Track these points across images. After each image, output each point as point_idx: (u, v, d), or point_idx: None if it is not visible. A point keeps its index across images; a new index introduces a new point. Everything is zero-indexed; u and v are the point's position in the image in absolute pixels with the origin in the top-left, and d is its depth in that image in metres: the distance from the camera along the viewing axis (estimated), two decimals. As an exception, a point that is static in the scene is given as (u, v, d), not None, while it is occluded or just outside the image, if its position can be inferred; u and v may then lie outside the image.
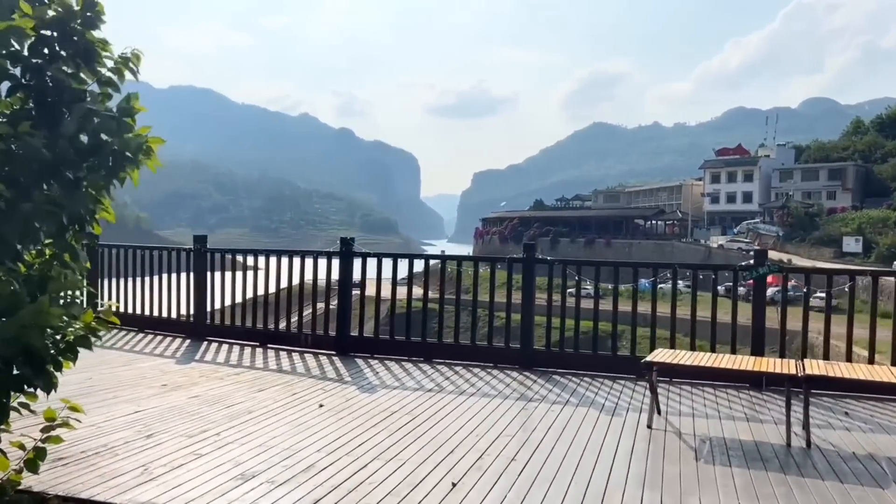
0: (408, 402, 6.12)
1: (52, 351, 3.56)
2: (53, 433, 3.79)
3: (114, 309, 4.00)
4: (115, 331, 9.55)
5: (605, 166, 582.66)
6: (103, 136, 3.80)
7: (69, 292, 3.84)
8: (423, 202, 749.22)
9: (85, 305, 3.88)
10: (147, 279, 9.87)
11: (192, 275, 9.49)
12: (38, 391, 3.57)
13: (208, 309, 9.45)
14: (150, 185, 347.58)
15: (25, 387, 3.54)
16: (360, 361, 8.07)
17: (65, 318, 3.57)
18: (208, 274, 9.46)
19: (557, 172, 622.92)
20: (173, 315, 9.69)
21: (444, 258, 9.04)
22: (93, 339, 3.78)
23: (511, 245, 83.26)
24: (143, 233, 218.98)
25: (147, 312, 9.87)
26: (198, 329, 9.38)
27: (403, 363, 8.06)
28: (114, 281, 10.14)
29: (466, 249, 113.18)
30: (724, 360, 5.60)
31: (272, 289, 9.39)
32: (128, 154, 3.95)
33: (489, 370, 7.71)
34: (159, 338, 9.32)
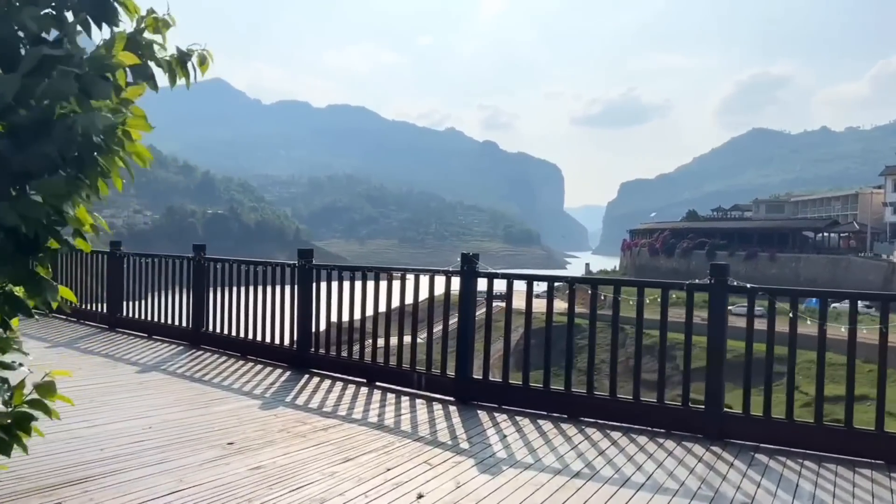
0: (544, 495, 4.20)
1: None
2: None
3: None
4: (217, 356, 8.53)
5: (765, 175, 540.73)
6: (62, 107, 2.26)
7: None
8: (566, 213, 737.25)
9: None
10: (251, 297, 8.71)
11: (295, 295, 8.20)
12: None
13: (313, 331, 8.09)
14: (308, 199, 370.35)
15: None
16: (483, 416, 6.25)
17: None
18: (313, 294, 8.11)
19: (712, 182, 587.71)
20: (276, 340, 8.44)
21: (594, 281, 7.01)
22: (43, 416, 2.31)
23: (662, 258, 78.07)
24: (301, 243, 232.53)
25: (249, 336, 8.71)
26: (301, 358, 8.06)
27: (540, 422, 6.12)
28: (218, 297, 9.18)
29: (612, 262, 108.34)
30: None
31: (382, 311, 7.83)
32: (95, 139, 2.31)
33: (660, 441, 5.57)
34: (259, 367, 8.07)
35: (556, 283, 6.97)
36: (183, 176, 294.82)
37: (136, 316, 10.43)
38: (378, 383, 7.31)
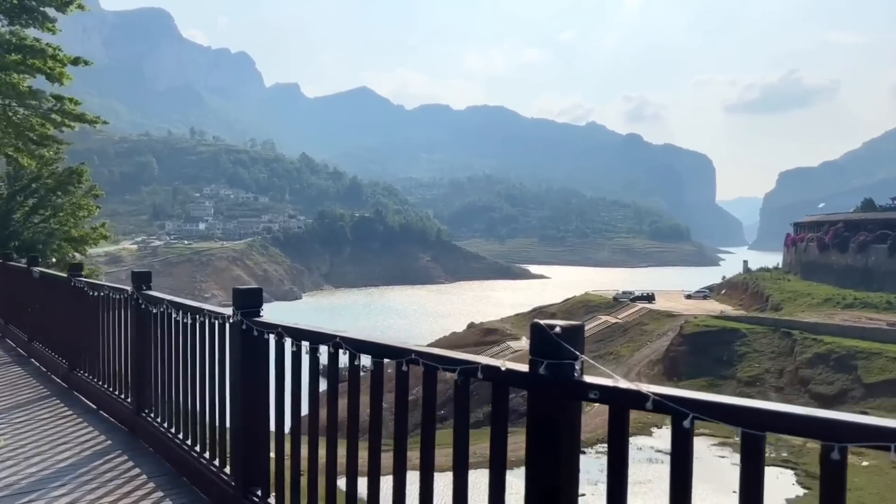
0: None
1: None
2: None
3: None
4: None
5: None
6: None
7: None
8: (718, 206, 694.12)
9: None
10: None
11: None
12: None
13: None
14: (449, 200, 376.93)
15: None
16: None
17: None
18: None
19: (886, 167, 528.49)
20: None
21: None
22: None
23: (834, 253, 70.09)
24: (443, 243, 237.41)
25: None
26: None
27: None
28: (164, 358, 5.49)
29: (772, 258, 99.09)
30: None
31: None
32: None
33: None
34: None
35: (713, 282, 4.99)
36: (333, 182, 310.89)
37: (89, 375, 7.15)
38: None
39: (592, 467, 30.50)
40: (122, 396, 6.20)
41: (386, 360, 2.86)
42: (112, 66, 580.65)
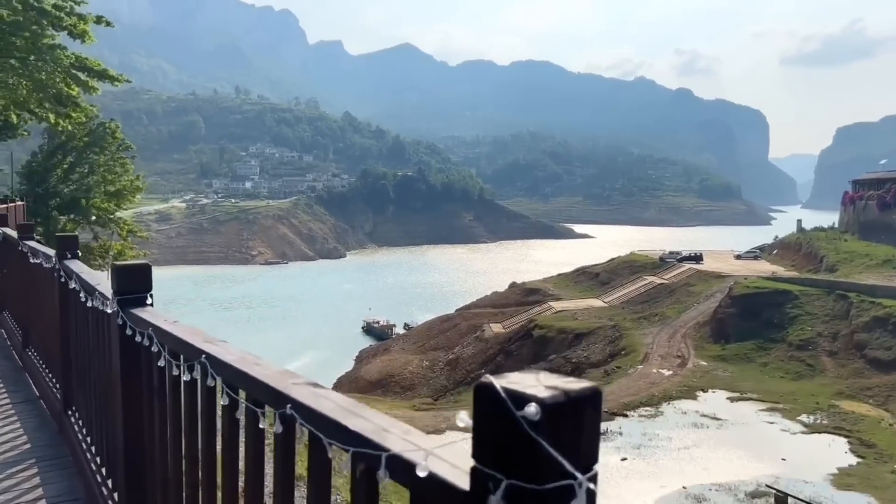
0: None
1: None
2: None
3: None
4: None
5: None
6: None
7: None
8: (771, 163, 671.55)
9: None
10: None
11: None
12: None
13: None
14: (492, 158, 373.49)
15: None
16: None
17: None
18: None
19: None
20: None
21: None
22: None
23: None
24: (485, 202, 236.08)
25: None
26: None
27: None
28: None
29: (826, 217, 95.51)
30: None
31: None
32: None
33: None
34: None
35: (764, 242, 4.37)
36: (376, 140, 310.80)
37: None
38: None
39: (635, 431, 30.19)
40: (57, 388, 5.08)
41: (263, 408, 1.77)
42: (159, 26, 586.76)
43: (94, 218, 30.38)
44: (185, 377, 2.25)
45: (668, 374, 39.02)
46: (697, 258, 71.77)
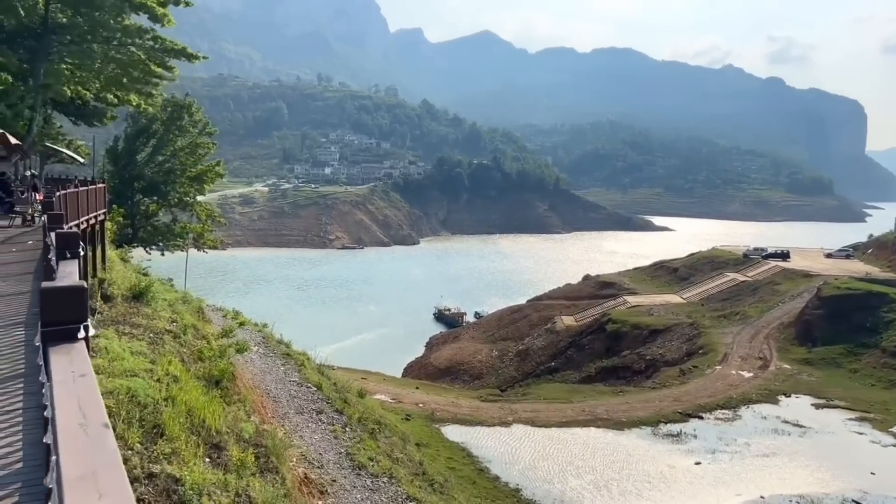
0: None
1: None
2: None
3: None
4: None
5: None
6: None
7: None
8: (869, 157, 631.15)
9: None
10: None
11: None
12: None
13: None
14: (569, 147, 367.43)
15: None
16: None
17: None
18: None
19: None
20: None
21: None
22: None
23: None
24: (561, 192, 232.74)
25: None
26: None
27: None
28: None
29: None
30: None
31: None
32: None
33: None
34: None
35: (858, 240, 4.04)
36: (452, 128, 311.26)
37: None
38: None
39: (710, 434, 29.08)
40: None
41: None
42: (246, 13, 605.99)
43: (175, 201, 31.56)
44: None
45: (748, 376, 37.45)
46: (784, 255, 68.63)
